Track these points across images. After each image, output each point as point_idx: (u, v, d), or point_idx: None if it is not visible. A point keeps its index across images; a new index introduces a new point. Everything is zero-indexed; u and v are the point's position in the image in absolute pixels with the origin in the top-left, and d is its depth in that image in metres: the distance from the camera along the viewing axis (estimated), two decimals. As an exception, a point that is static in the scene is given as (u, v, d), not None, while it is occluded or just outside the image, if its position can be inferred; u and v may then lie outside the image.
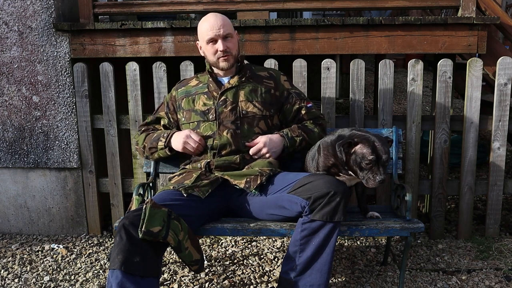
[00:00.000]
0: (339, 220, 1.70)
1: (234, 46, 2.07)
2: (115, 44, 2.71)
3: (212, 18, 2.04)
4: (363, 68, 2.59)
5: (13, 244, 2.79)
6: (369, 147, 1.78)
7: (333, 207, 1.69)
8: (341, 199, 1.69)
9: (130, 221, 1.67)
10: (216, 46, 2.03)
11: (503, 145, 2.62)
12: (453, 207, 3.19)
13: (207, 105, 2.06)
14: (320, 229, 1.72)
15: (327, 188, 1.70)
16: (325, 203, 1.69)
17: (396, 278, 2.28)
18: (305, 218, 1.74)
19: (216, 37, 2.01)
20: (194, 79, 2.19)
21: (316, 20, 2.59)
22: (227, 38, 2.03)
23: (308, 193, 1.72)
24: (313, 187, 1.73)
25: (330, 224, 1.71)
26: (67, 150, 2.80)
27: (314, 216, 1.71)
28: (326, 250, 1.73)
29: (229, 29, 2.04)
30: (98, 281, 2.30)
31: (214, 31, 2.01)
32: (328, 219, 1.69)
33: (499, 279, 2.24)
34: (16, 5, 2.69)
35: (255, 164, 1.99)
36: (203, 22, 2.06)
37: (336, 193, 1.69)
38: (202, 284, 2.25)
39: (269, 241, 2.74)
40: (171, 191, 1.88)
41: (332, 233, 1.72)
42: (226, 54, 2.03)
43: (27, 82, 2.76)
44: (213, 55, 2.05)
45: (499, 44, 2.91)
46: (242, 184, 1.90)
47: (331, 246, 1.73)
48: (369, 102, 5.56)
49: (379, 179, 1.77)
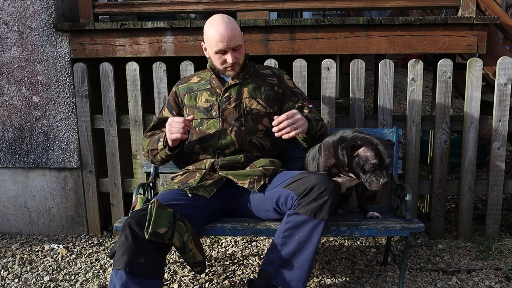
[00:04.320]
0: (323, 219, 1.71)
1: (242, 55, 2.03)
2: (115, 44, 2.71)
3: (222, 27, 1.93)
4: (363, 68, 2.59)
5: (13, 244, 2.79)
6: (373, 150, 1.78)
7: (319, 204, 1.69)
8: (328, 197, 1.69)
9: (136, 221, 1.66)
10: (225, 57, 1.97)
11: (503, 145, 2.62)
12: (453, 207, 3.19)
13: (209, 101, 2.04)
14: (303, 223, 1.72)
15: (318, 184, 1.70)
16: (313, 199, 1.70)
17: (396, 278, 2.28)
18: (291, 211, 1.75)
19: (226, 49, 1.96)
20: (195, 76, 2.17)
21: (316, 20, 2.59)
22: (236, 49, 1.98)
23: (299, 187, 1.74)
24: (305, 182, 1.74)
25: (314, 220, 1.71)
26: (67, 150, 2.80)
27: (299, 210, 1.72)
28: (308, 248, 1.73)
29: (239, 40, 1.97)
30: (98, 281, 2.31)
31: (225, 43, 1.93)
32: (312, 214, 1.70)
33: (499, 279, 2.24)
34: (16, 5, 2.69)
35: (258, 162, 1.98)
36: (212, 28, 1.96)
37: (325, 190, 1.69)
38: (202, 284, 2.25)
39: (269, 241, 2.74)
40: (175, 190, 1.88)
41: (315, 230, 1.72)
42: (234, 65, 1.99)
43: (27, 82, 2.76)
44: (220, 64, 2.01)
45: (499, 44, 2.91)
46: (246, 185, 1.91)
47: (313, 244, 1.72)
48: (369, 102, 5.56)
49: (383, 182, 1.77)
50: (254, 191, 1.89)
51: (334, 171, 1.95)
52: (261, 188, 1.90)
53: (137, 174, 2.77)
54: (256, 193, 1.91)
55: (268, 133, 2.02)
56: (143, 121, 2.71)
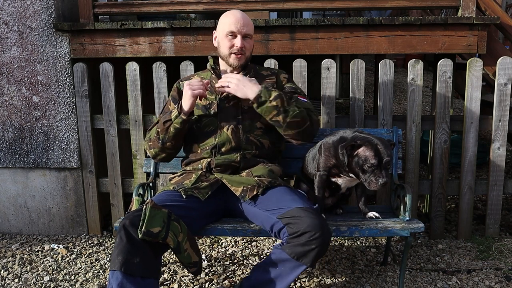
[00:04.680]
0: (305, 264, 1.71)
1: (249, 48, 2.08)
2: (115, 44, 2.71)
3: (238, 14, 2.04)
4: (363, 68, 2.59)
5: (13, 244, 2.79)
6: (372, 150, 1.78)
7: (305, 250, 1.69)
8: (316, 247, 1.67)
9: (130, 222, 1.68)
10: (234, 41, 2.02)
11: (503, 145, 2.62)
12: (453, 207, 3.19)
13: (209, 99, 2.06)
14: (285, 261, 1.74)
15: (310, 231, 1.67)
16: (301, 244, 1.69)
17: (396, 278, 2.28)
18: (278, 245, 1.77)
19: (237, 33, 2.01)
20: (195, 76, 2.18)
21: (316, 20, 2.59)
22: (247, 38, 2.05)
23: (293, 226, 1.70)
24: (300, 223, 1.69)
25: (296, 263, 1.72)
26: (67, 150, 2.80)
27: (285, 248, 1.72)
28: (281, 282, 1.75)
29: (250, 30, 2.06)
30: (98, 281, 2.31)
31: (238, 26, 2.00)
32: (296, 257, 1.71)
33: (499, 279, 2.24)
34: (16, 5, 2.69)
35: (255, 170, 1.97)
36: (228, 15, 2.05)
37: (315, 240, 1.66)
38: (202, 284, 2.25)
39: (269, 241, 2.74)
40: (171, 191, 1.89)
41: (294, 271, 1.74)
42: (240, 52, 2.03)
43: (27, 82, 2.76)
44: (227, 48, 2.04)
45: (499, 44, 2.91)
46: (238, 192, 1.90)
47: (287, 282, 1.75)
48: (369, 102, 5.56)
49: (382, 182, 1.77)
50: (245, 200, 1.89)
51: (334, 171, 1.95)
52: (255, 200, 1.89)
53: (137, 174, 2.77)
54: (250, 203, 1.91)
55: (267, 131, 2.03)
56: (143, 121, 2.71)
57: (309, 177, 2.10)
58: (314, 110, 2.10)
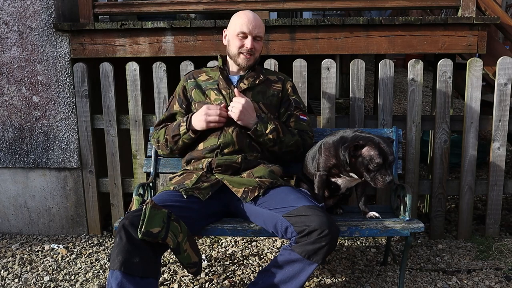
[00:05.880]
0: (316, 262, 1.71)
1: (259, 49, 2.11)
2: (115, 44, 2.71)
3: (251, 15, 2.07)
4: (363, 68, 2.59)
5: (13, 244, 2.79)
6: (376, 149, 1.79)
7: (316, 248, 1.68)
8: (326, 244, 1.67)
9: (130, 222, 1.68)
10: (245, 41, 2.05)
11: (503, 145, 2.62)
12: (453, 207, 3.19)
13: (217, 100, 2.08)
14: (296, 261, 1.73)
15: (319, 229, 1.66)
16: (311, 242, 1.68)
17: (396, 278, 2.28)
18: (287, 246, 1.76)
19: (249, 34, 2.04)
20: (204, 74, 2.19)
21: (316, 20, 2.59)
22: (257, 39, 2.07)
23: (300, 224, 1.70)
24: (307, 221, 1.69)
25: (307, 262, 1.71)
26: (67, 150, 2.80)
27: (295, 248, 1.71)
28: (293, 284, 1.74)
29: (261, 32, 2.09)
30: (98, 281, 2.31)
31: (250, 27, 2.03)
32: (307, 256, 1.70)
33: (499, 279, 2.24)
34: (16, 5, 2.69)
35: (256, 171, 1.98)
36: (241, 15, 2.08)
37: (325, 236, 1.66)
38: (202, 284, 2.25)
39: (269, 241, 2.74)
40: (171, 191, 1.89)
41: (305, 270, 1.73)
42: (250, 53, 2.06)
43: (27, 82, 2.76)
44: (237, 48, 2.06)
45: (499, 44, 2.91)
46: (239, 193, 1.90)
47: (299, 283, 1.73)
48: (369, 102, 5.57)
49: (388, 180, 1.80)
50: (247, 201, 1.89)
51: (334, 171, 1.95)
52: (257, 201, 1.89)
53: (137, 174, 2.77)
54: (252, 204, 1.91)
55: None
56: (143, 121, 2.71)
57: (309, 177, 2.10)
58: (311, 129, 2.17)
